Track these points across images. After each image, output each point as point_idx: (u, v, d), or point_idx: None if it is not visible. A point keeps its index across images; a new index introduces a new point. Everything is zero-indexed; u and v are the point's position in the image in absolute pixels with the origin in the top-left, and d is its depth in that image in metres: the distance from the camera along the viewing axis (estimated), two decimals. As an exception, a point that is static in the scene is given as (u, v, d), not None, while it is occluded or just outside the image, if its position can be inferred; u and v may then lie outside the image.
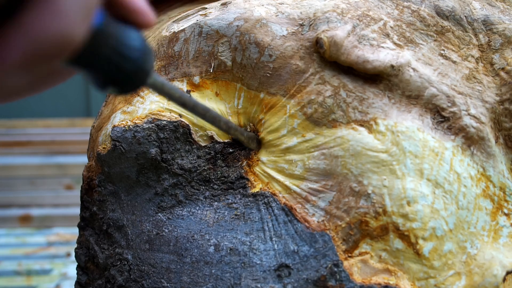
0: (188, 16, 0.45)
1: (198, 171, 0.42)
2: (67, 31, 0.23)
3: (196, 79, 0.43)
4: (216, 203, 0.42)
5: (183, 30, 0.43)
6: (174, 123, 0.42)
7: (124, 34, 0.26)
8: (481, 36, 0.43)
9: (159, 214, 0.42)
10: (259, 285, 0.38)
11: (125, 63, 0.26)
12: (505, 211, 0.40)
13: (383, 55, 0.39)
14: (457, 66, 0.41)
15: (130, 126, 0.42)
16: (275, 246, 0.39)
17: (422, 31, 0.42)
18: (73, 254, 0.45)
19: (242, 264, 0.39)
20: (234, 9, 0.42)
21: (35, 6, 0.22)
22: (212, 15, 0.43)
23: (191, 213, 0.42)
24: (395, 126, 0.38)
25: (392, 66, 0.39)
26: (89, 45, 0.24)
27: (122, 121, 0.43)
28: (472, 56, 0.42)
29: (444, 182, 0.38)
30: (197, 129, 0.43)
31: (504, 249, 0.39)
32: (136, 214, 0.42)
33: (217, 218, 0.41)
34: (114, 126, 0.43)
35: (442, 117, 0.39)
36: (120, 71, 0.26)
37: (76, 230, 0.45)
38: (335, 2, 0.42)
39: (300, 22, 0.41)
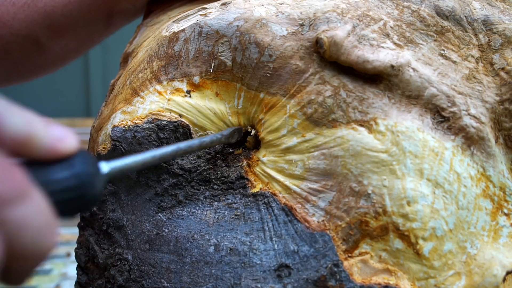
0: (188, 16, 0.45)
1: (198, 171, 0.42)
2: None
3: (196, 79, 0.43)
4: (216, 203, 0.42)
5: (183, 30, 0.43)
6: (174, 123, 0.42)
7: (46, 174, 0.25)
8: (481, 36, 0.43)
9: (159, 214, 0.42)
10: (259, 285, 0.38)
11: (62, 195, 0.26)
12: (505, 211, 0.40)
13: (383, 55, 0.39)
14: (457, 66, 0.41)
15: (130, 126, 0.42)
16: (275, 246, 0.39)
17: (422, 31, 0.42)
18: (73, 254, 0.45)
19: (242, 264, 0.39)
20: (234, 9, 0.42)
21: None
22: (212, 15, 0.43)
23: (191, 213, 0.42)
24: (395, 126, 0.38)
25: (392, 66, 0.39)
26: None
27: (122, 121, 0.43)
28: (472, 56, 0.42)
29: (444, 182, 0.38)
30: (197, 129, 0.43)
31: (504, 249, 0.39)
32: (136, 214, 0.42)
33: (217, 218, 0.41)
34: (114, 126, 0.43)
35: (442, 117, 0.40)
36: (67, 203, 0.26)
37: (76, 230, 0.45)
38: (335, 2, 0.42)
39: (300, 22, 0.41)
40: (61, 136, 0.26)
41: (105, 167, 0.29)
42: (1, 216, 0.22)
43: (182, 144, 0.37)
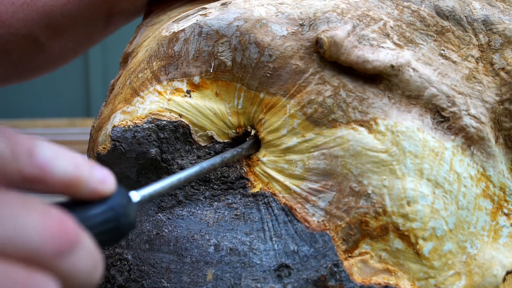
0: (188, 16, 0.45)
1: (198, 171, 0.42)
2: None
3: (196, 79, 0.43)
4: (216, 203, 0.42)
5: (183, 30, 0.43)
6: (174, 123, 0.42)
7: (85, 210, 0.27)
8: (481, 36, 0.43)
9: (159, 214, 0.42)
10: (259, 285, 0.38)
11: (100, 228, 0.27)
12: (505, 211, 0.40)
13: (383, 55, 0.39)
14: (457, 66, 0.41)
15: (130, 126, 0.42)
16: (275, 246, 0.39)
17: (422, 31, 0.42)
18: (73, 254, 0.45)
19: (242, 264, 0.39)
20: (234, 9, 0.42)
21: None
22: (212, 15, 0.43)
23: (191, 213, 0.42)
24: (395, 126, 0.38)
25: (392, 66, 0.39)
26: None
27: (122, 121, 0.43)
28: (472, 56, 0.42)
29: (444, 182, 0.38)
30: (197, 129, 0.43)
31: (504, 249, 0.39)
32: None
33: (217, 218, 0.41)
34: (114, 126, 0.43)
35: (442, 117, 0.39)
36: (105, 235, 0.28)
37: (76, 230, 0.45)
38: (335, 2, 0.42)
39: (300, 22, 0.41)
40: (103, 178, 0.27)
41: (135, 195, 0.31)
42: (59, 267, 0.24)
43: (205, 164, 0.38)
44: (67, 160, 0.26)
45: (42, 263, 0.23)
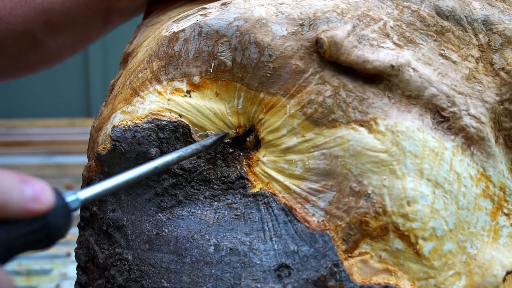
0: (188, 16, 0.45)
1: (198, 171, 0.42)
2: None
3: (196, 79, 0.43)
4: (216, 203, 0.42)
5: (183, 30, 0.43)
6: (174, 123, 0.42)
7: (15, 229, 0.26)
8: (481, 36, 0.43)
9: (159, 214, 0.42)
10: (259, 285, 0.38)
11: (30, 245, 0.27)
12: (505, 211, 0.40)
13: (383, 55, 0.39)
14: (457, 66, 0.41)
15: (130, 126, 0.42)
16: (275, 246, 0.39)
17: (422, 31, 0.42)
18: (73, 254, 0.45)
19: (242, 264, 0.39)
20: (234, 9, 0.42)
21: None
22: (212, 15, 0.43)
23: (191, 213, 0.42)
24: (395, 126, 0.38)
25: (392, 66, 0.39)
26: None
27: (122, 121, 0.43)
28: (472, 56, 0.42)
29: (444, 182, 0.38)
30: (197, 129, 0.43)
31: (504, 249, 0.39)
32: (136, 214, 0.42)
33: (217, 218, 0.41)
34: (114, 126, 0.43)
35: (442, 117, 0.40)
36: (33, 245, 0.27)
37: (76, 230, 0.45)
38: (335, 2, 0.42)
39: (300, 22, 0.41)
40: (37, 196, 0.26)
41: (75, 202, 0.29)
42: None
43: (172, 156, 0.38)
44: None
45: None
